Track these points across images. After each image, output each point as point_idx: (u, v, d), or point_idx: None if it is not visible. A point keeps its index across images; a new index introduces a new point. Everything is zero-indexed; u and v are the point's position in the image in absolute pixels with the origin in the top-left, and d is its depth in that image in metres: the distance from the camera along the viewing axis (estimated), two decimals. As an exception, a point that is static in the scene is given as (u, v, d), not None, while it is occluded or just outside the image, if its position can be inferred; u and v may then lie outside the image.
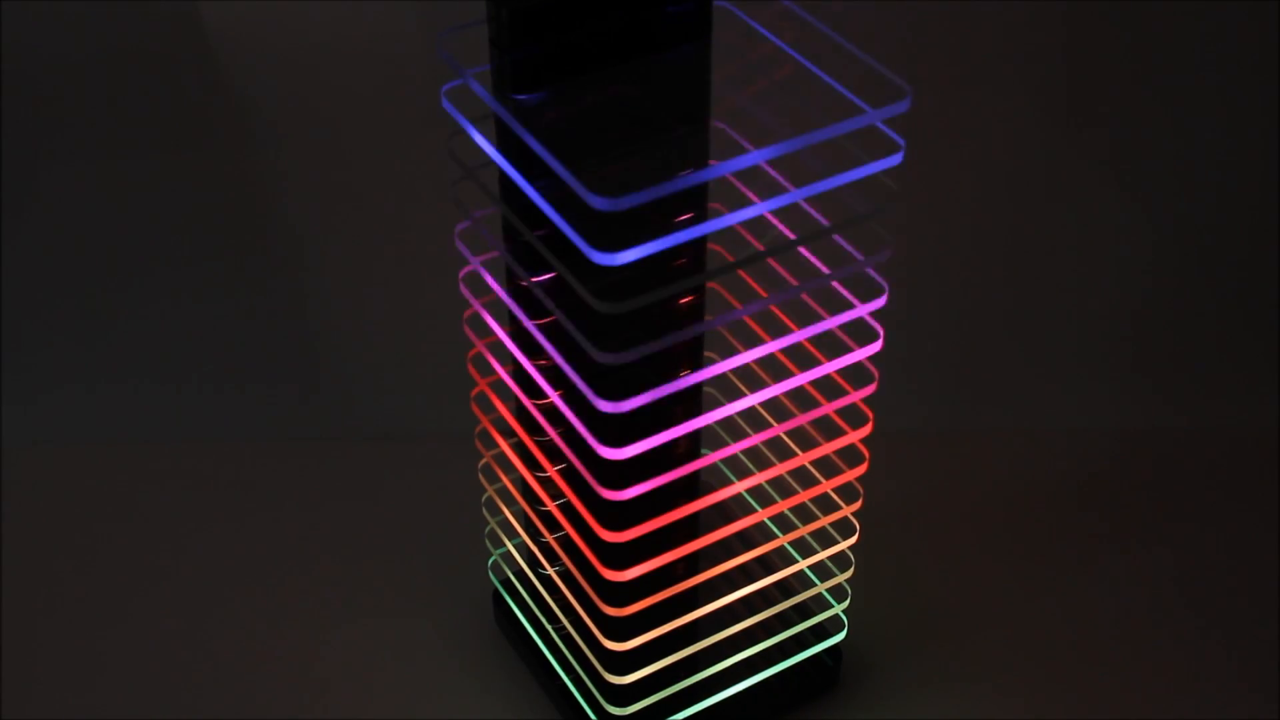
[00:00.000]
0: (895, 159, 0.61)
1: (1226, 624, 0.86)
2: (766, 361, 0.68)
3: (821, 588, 0.77)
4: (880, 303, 0.66)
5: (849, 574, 0.77)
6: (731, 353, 0.65)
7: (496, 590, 0.84)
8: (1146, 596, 0.87)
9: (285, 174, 1.15)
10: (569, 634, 0.76)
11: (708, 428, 0.68)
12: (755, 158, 0.57)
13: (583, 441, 0.64)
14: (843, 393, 0.69)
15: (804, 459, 0.70)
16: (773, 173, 0.65)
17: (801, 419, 0.68)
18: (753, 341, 0.66)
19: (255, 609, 0.87)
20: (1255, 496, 0.93)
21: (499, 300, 0.69)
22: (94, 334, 1.07)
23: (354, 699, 0.82)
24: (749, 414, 0.75)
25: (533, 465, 0.72)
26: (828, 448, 0.71)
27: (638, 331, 0.60)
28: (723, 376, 0.69)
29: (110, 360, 1.04)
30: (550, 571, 0.76)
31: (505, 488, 0.78)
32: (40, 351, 1.05)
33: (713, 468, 0.79)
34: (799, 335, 0.65)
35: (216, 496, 0.94)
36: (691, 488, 0.72)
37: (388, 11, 1.17)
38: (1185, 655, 0.84)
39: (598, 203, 0.54)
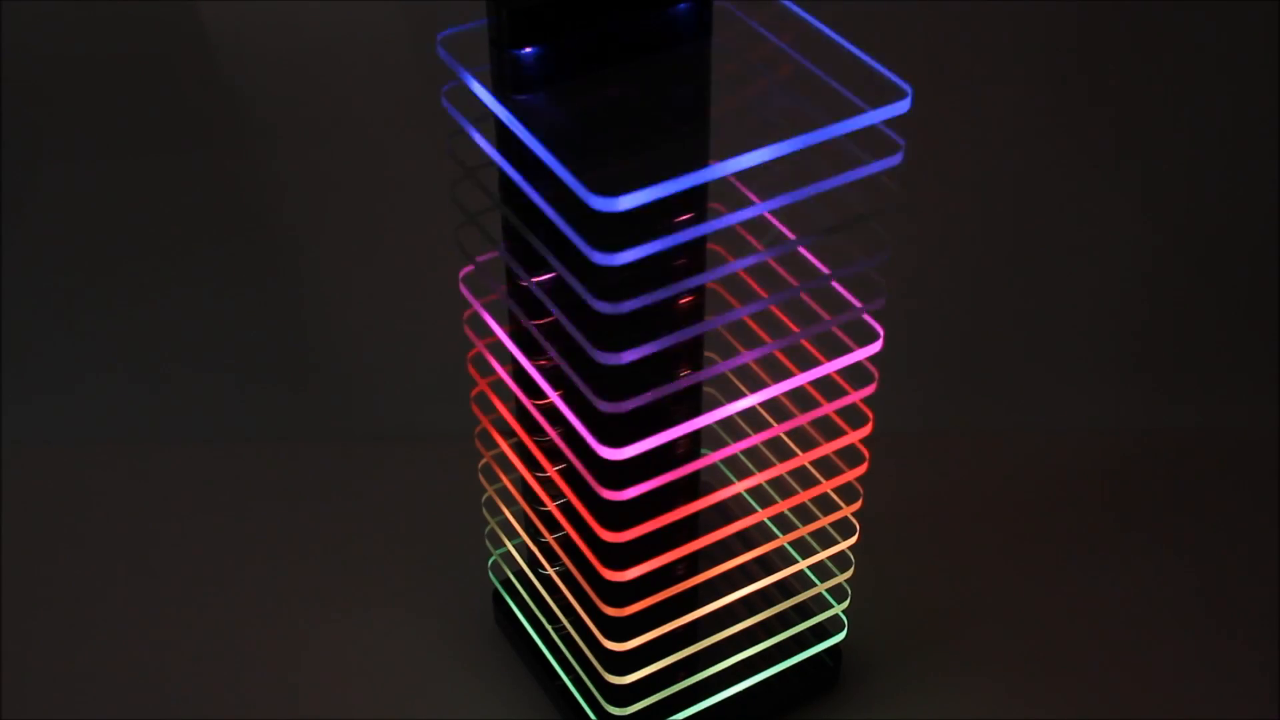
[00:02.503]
0: (895, 159, 0.61)
1: (1228, 623, 0.85)
2: (766, 361, 0.68)
3: (821, 588, 0.77)
4: (880, 303, 0.66)
5: (849, 574, 0.77)
6: (731, 353, 0.65)
7: (496, 590, 0.84)
8: (1147, 596, 0.87)
9: (285, 174, 1.15)
10: (569, 634, 0.76)
11: (708, 428, 0.68)
12: (755, 158, 0.57)
13: (583, 442, 0.64)
14: (843, 393, 0.69)
15: (804, 459, 0.70)
16: (772, 173, 0.65)
17: (801, 419, 0.68)
18: (753, 341, 0.66)
19: (254, 609, 0.87)
20: (1256, 496, 0.93)
21: (499, 300, 0.69)
22: (94, 334, 1.07)
23: (354, 699, 0.82)
24: (749, 414, 0.74)
25: (533, 465, 0.72)
26: (828, 448, 0.71)
27: (638, 331, 0.60)
28: (723, 376, 0.69)
29: (110, 360, 1.04)
30: (550, 571, 0.76)
31: (505, 488, 0.78)
32: (40, 351, 1.05)
33: (713, 468, 0.79)
34: (799, 335, 0.65)
35: (216, 496, 0.94)
36: (691, 488, 0.72)
37: (387, 11, 1.17)
38: (1187, 655, 0.84)
39: (598, 203, 0.54)
